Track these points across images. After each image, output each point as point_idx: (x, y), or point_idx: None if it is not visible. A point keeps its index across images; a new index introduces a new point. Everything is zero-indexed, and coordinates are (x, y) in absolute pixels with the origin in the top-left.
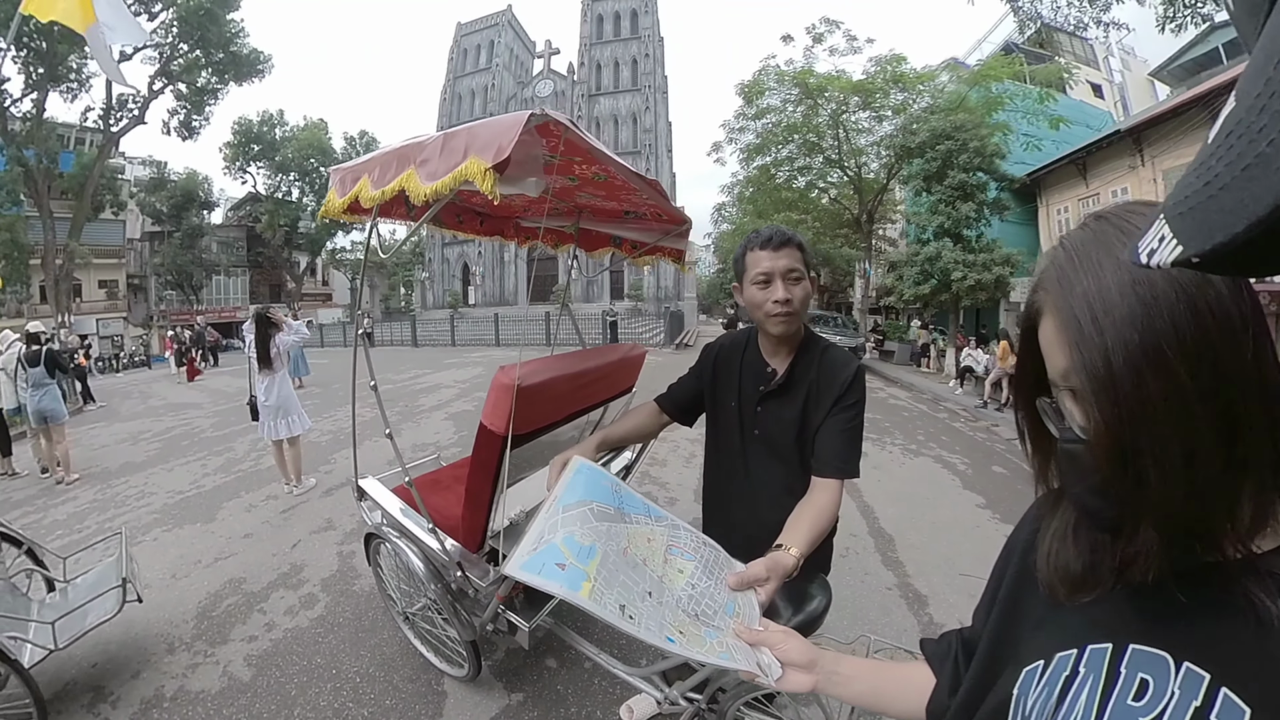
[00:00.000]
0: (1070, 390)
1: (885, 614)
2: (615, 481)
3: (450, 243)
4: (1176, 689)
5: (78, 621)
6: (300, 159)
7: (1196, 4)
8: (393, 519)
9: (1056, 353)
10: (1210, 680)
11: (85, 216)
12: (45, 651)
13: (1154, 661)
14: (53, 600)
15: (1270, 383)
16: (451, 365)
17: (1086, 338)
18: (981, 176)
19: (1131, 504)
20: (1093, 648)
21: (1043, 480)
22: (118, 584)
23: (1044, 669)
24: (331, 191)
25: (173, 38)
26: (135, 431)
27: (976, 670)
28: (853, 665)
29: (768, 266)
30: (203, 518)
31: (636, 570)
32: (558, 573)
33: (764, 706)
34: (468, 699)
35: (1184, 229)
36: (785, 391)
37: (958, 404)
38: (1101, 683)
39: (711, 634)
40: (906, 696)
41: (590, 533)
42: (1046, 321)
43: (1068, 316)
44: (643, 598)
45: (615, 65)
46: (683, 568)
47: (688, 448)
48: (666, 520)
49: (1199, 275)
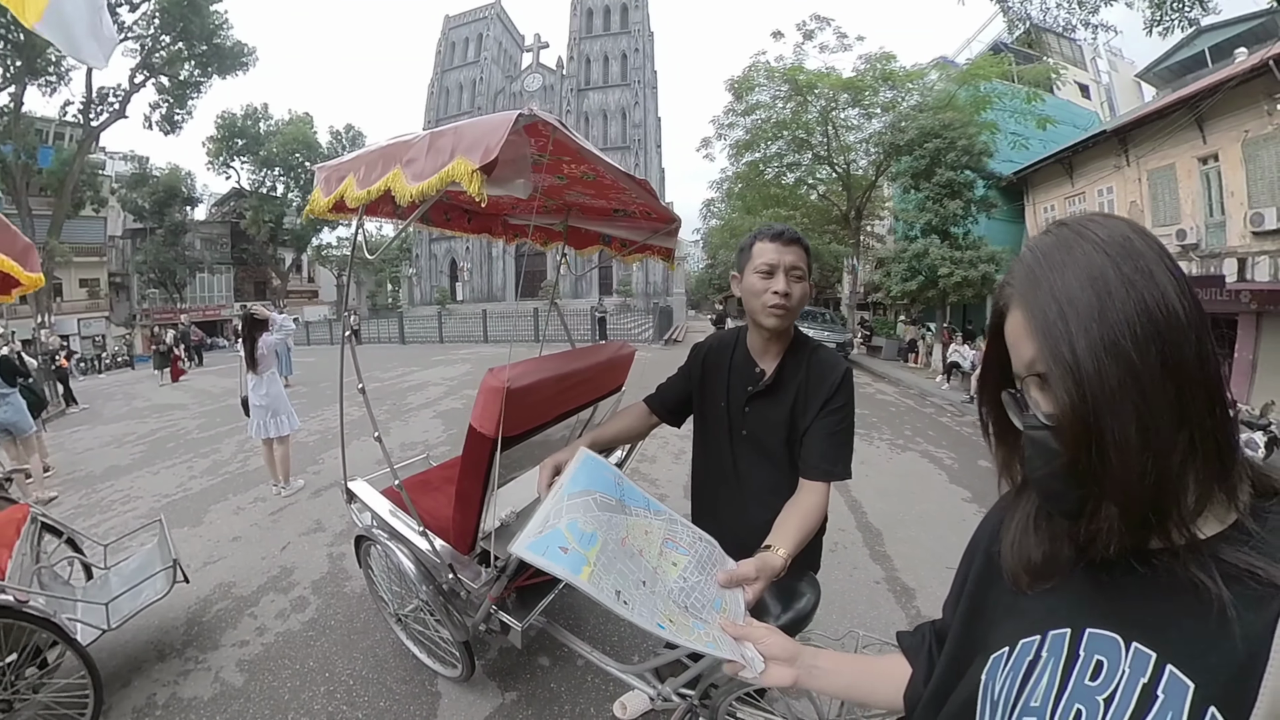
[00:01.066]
0: (1036, 377)
1: (874, 607)
2: (618, 474)
3: (437, 238)
4: (1127, 667)
5: (129, 602)
6: (285, 154)
7: (1184, 8)
8: (383, 521)
9: (1024, 343)
10: (1157, 658)
11: (65, 214)
12: (99, 631)
13: (1107, 643)
14: (95, 585)
15: (1211, 375)
16: (439, 362)
17: (1052, 326)
18: (969, 174)
19: (1094, 483)
20: (1053, 633)
21: (1006, 474)
22: (168, 565)
23: (1009, 655)
24: (317, 190)
25: (154, 29)
26: (119, 434)
27: (946, 660)
28: (833, 659)
29: (774, 258)
30: (190, 521)
31: (633, 560)
32: (561, 556)
33: (755, 701)
34: (462, 699)
35: None
36: (773, 392)
37: (944, 399)
38: (1061, 665)
39: (699, 625)
40: (885, 687)
41: (592, 521)
42: (1014, 315)
43: (1035, 309)
44: (637, 585)
45: (605, 60)
46: (676, 560)
47: (677, 444)
48: (665, 514)
49: (1146, 275)
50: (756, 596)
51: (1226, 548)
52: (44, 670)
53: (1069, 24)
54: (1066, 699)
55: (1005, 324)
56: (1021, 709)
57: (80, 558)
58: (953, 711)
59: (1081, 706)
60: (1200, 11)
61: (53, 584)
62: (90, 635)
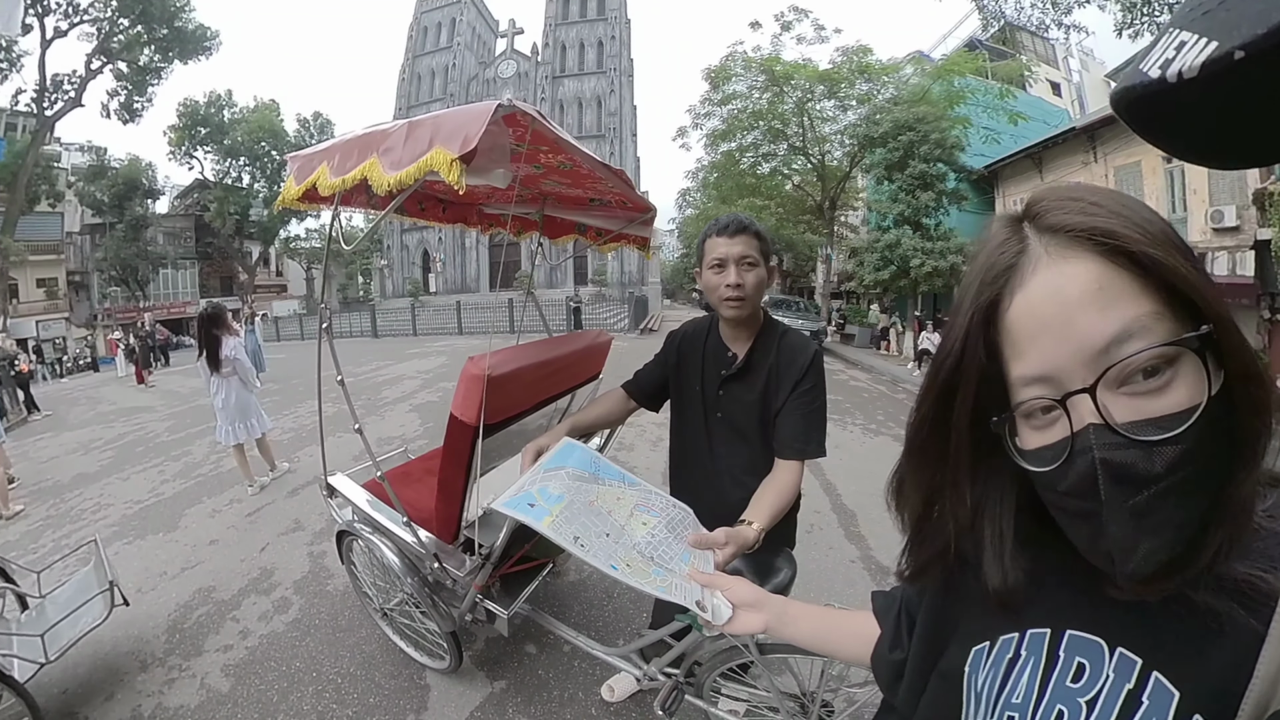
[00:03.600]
0: (1166, 347)
1: (850, 585)
2: (596, 456)
3: (409, 229)
4: (1111, 672)
5: (67, 631)
6: (250, 142)
7: (1154, 12)
8: (365, 514)
9: (1106, 309)
10: (1142, 665)
11: (19, 209)
12: (36, 666)
13: (1089, 646)
14: (30, 618)
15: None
16: (414, 356)
17: (1190, 264)
18: (941, 167)
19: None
20: (1032, 632)
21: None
22: (104, 588)
23: (989, 650)
24: (289, 179)
25: (112, 12)
26: (86, 440)
27: (919, 643)
28: (801, 608)
29: (723, 252)
30: (165, 527)
31: (599, 517)
32: (528, 510)
33: (739, 676)
34: (451, 690)
35: (1212, 26)
36: (745, 375)
37: (915, 385)
38: (1042, 665)
39: (659, 572)
40: (852, 643)
41: (562, 487)
42: (1072, 268)
43: (1153, 245)
44: (600, 536)
45: (581, 47)
46: (646, 521)
47: (654, 432)
48: (640, 486)
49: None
50: (726, 560)
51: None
52: None
53: (1043, 23)
54: (1048, 699)
55: (1024, 295)
56: (1004, 705)
57: (12, 588)
58: (935, 698)
59: (1063, 707)
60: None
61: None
62: (28, 671)
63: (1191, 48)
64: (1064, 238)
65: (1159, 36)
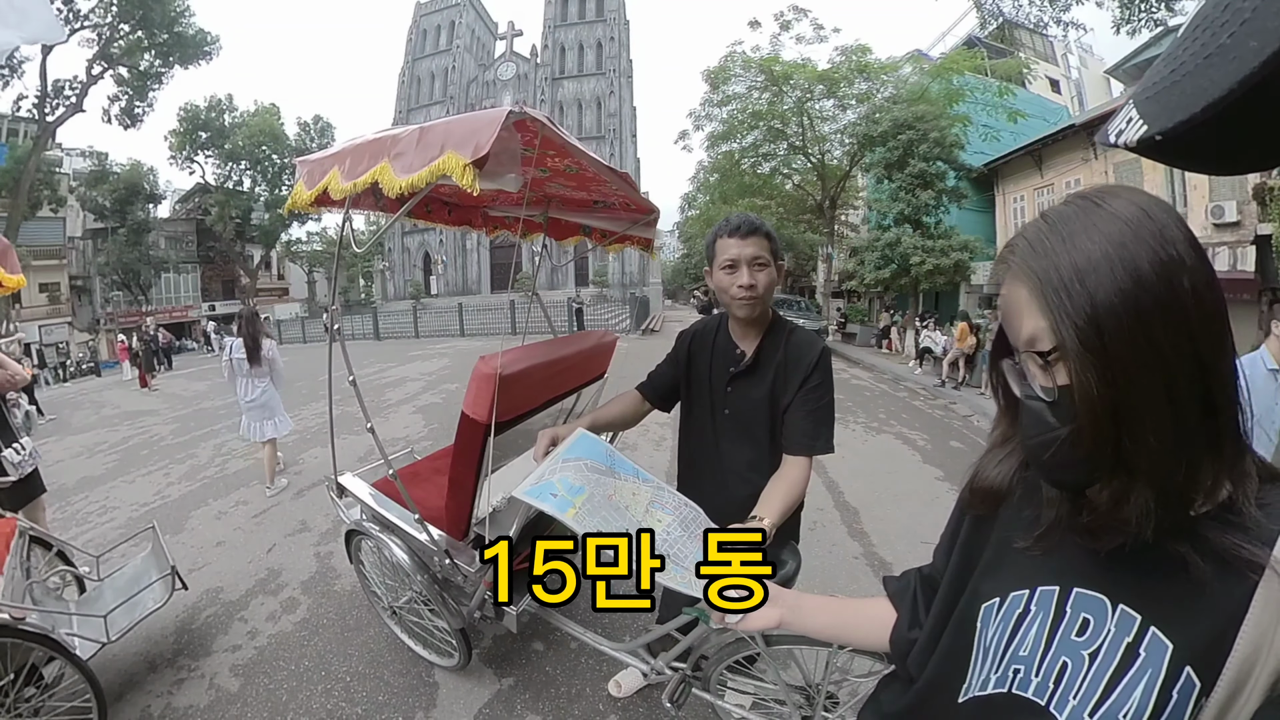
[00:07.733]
0: (1038, 354)
1: (854, 581)
2: (610, 449)
3: (410, 231)
4: (1112, 626)
5: (128, 613)
6: (251, 146)
7: (1151, 9)
8: (375, 513)
9: (1024, 317)
10: (1141, 620)
11: (22, 215)
12: (98, 645)
13: (1094, 603)
14: (87, 599)
15: (1230, 351)
16: (416, 358)
17: (1075, 303)
18: (941, 166)
19: (1117, 463)
20: (1042, 589)
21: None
22: (165, 573)
23: (1000, 605)
24: (299, 183)
25: (112, 18)
26: (90, 444)
27: (939, 606)
28: (816, 600)
29: (735, 253)
30: (171, 529)
31: (618, 512)
32: (551, 499)
33: (745, 669)
34: (460, 687)
35: (1149, 110)
36: (753, 372)
37: (917, 384)
38: (1050, 619)
39: (677, 569)
40: (869, 629)
41: (582, 479)
42: (1013, 288)
43: (1045, 281)
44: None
45: (580, 48)
46: (661, 519)
47: (658, 431)
48: (653, 482)
49: (1174, 254)
50: None
51: (1215, 525)
52: (43, 690)
53: (1041, 21)
54: (1054, 651)
55: (1001, 297)
56: (1010, 657)
57: (72, 570)
58: (946, 655)
59: (1067, 659)
60: (1167, 13)
61: (46, 599)
62: (90, 649)
63: (1133, 125)
64: (1015, 268)
65: (1123, 104)
